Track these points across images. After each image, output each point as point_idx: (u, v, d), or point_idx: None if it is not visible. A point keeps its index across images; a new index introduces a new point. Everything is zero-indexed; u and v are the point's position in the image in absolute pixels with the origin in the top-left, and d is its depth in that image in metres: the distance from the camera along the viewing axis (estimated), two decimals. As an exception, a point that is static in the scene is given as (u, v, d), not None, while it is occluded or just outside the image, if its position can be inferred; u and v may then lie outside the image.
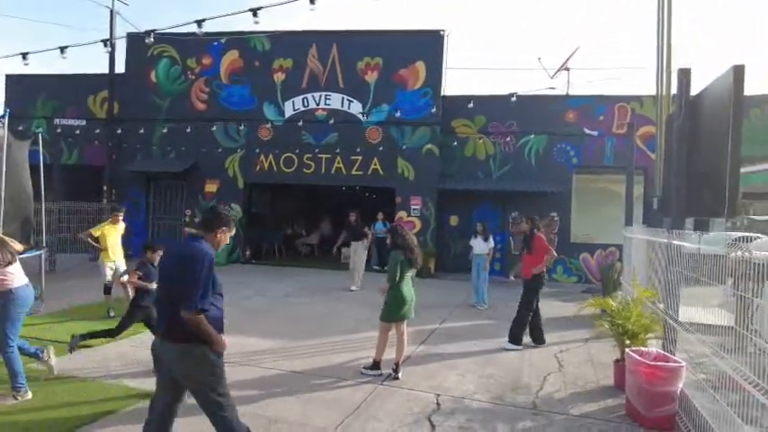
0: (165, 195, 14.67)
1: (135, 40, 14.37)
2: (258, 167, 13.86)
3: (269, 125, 13.74)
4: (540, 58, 33.52)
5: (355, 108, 13.32)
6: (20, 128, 12.81)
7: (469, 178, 13.29)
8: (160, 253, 5.68)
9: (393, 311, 5.39)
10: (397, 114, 12.99)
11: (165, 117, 14.37)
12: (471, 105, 13.02)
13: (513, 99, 12.64)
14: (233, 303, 8.84)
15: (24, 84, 15.55)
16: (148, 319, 5.58)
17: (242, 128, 13.83)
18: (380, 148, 13.16)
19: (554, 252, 7.00)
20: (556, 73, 15.93)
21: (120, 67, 14.72)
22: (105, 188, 14.29)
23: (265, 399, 4.73)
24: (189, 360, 2.99)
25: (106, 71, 14.49)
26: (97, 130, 14.85)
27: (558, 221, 12.97)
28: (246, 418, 4.25)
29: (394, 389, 5.09)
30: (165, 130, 14.30)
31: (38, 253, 8.41)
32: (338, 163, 13.42)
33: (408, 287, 5.47)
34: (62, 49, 10.97)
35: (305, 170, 13.56)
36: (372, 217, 13.29)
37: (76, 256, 12.84)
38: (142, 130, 14.17)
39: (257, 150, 13.81)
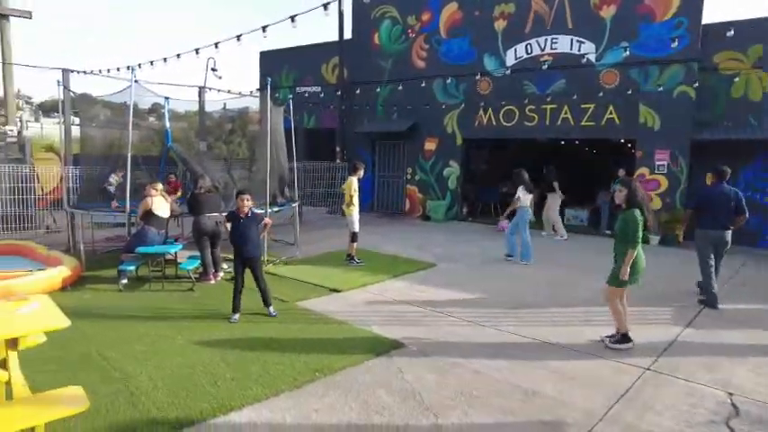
0: (388, 154, 15.42)
1: (360, 4, 15.07)
2: (477, 123, 13.46)
3: (489, 77, 13.12)
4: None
5: (587, 49, 11.76)
6: (277, 95, 14.71)
7: (738, 126, 10.68)
8: None
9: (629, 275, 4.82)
10: (640, 52, 11.03)
11: (387, 78, 14.91)
12: (731, 33, 10.16)
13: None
14: (455, 260, 8.82)
15: (272, 58, 17.89)
16: None
17: (461, 83, 13.51)
18: (617, 94, 11.43)
19: None
20: None
21: (348, 34, 15.70)
22: (338, 149, 15.66)
23: (513, 367, 4.43)
24: None
25: (336, 39, 15.61)
26: (329, 95, 16.24)
27: None
28: (500, 386, 4.05)
29: (665, 376, 4.28)
30: (387, 91, 14.86)
31: (294, 205, 9.58)
32: (565, 113, 12.14)
33: (642, 251, 4.89)
34: (292, 18, 11.84)
35: (527, 123, 12.66)
36: (604, 175, 11.78)
37: (315, 209, 14.49)
38: (368, 93, 14.95)
39: (476, 105, 13.38)
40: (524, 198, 8.79)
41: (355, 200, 8.33)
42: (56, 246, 8.73)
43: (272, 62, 17.88)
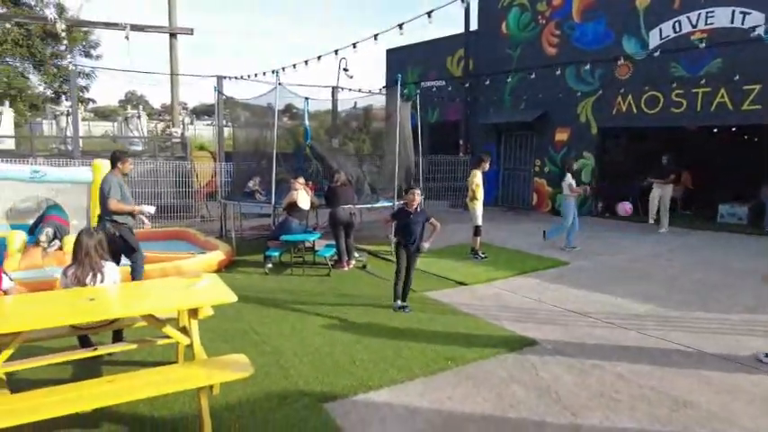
0: (514, 146, 14.97)
1: (487, -5, 14.79)
2: (614, 111, 12.48)
3: (628, 61, 12.08)
4: None
5: (753, 21, 10.25)
6: (405, 91, 15.08)
7: None
8: None
9: None
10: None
11: (515, 67, 14.45)
12: None
13: None
14: (590, 258, 8.31)
15: (398, 55, 18.30)
16: None
17: (596, 69, 12.62)
18: (791, 72, 9.84)
19: None
20: None
21: (474, 26, 15.49)
22: (461, 142, 15.58)
23: (660, 374, 4.09)
24: None
25: (462, 31, 15.50)
26: (454, 88, 16.18)
27: None
28: (646, 392, 3.78)
29: None
30: (515, 81, 14.41)
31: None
32: (721, 97, 10.74)
33: None
34: (428, 14, 11.97)
35: (673, 109, 11.44)
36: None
37: (437, 202, 14.57)
38: (494, 84, 14.62)
39: (613, 91, 12.40)
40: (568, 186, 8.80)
41: (479, 193, 8.24)
42: (209, 233, 9.89)
43: (397, 59, 18.32)
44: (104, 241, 3.93)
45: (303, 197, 7.85)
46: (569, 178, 8.78)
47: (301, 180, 8.05)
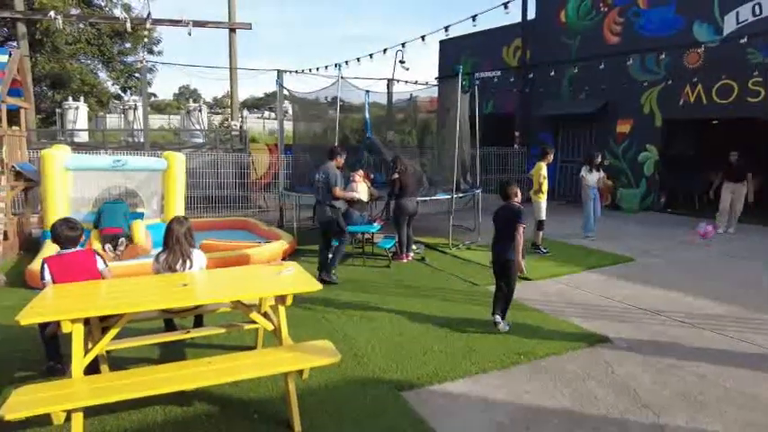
0: (573, 138, 14.56)
1: (546, -18, 14.38)
2: (681, 101, 11.92)
3: (699, 48, 11.48)
4: None
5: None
6: (464, 82, 14.97)
7: None
8: None
9: None
10: None
11: (574, 57, 14.03)
12: None
13: None
14: (656, 255, 8.02)
15: (451, 46, 18.09)
16: None
17: (662, 57, 12.06)
18: None
19: None
20: None
21: (532, 15, 15.12)
22: (516, 134, 15.31)
23: (747, 376, 3.94)
24: None
25: (518, 20, 15.16)
26: (511, 79, 15.88)
27: None
28: (733, 395, 3.63)
29: None
30: (574, 71, 13.98)
31: (477, 192, 9.70)
32: (805, 86, 10.07)
33: None
34: (505, 5, 11.53)
35: (749, 99, 10.80)
36: None
37: (491, 195, 14.36)
38: (553, 73, 14.23)
39: (681, 81, 11.83)
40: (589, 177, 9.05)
41: (545, 186, 8.10)
42: (267, 223, 10.18)
43: (451, 50, 18.11)
44: (192, 229, 4.15)
45: (363, 189, 7.96)
46: (584, 170, 9.15)
47: (360, 172, 8.16)
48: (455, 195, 8.80)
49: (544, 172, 8.10)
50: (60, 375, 3.63)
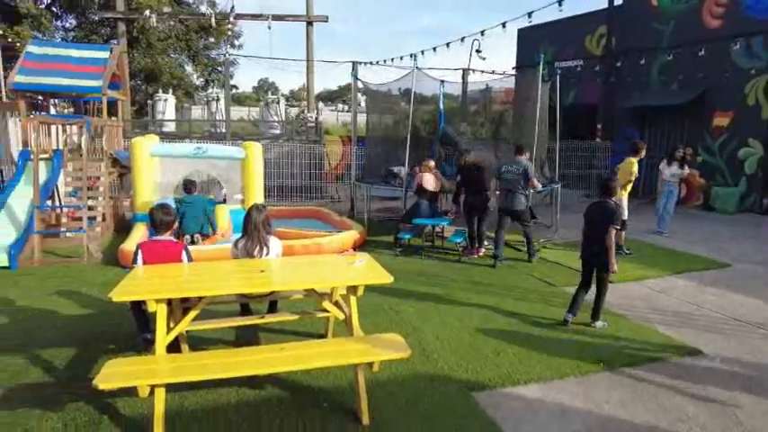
0: (661, 132, 13.52)
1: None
2: (793, 91, 10.70)
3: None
4: None
5: None
6: (544, 71, 14.40)
7: None
8: None
9: None
10: None
11: (666, 44, 12.98)
12: None
13: None
14: (757, 262, 7.27)
15: (530, 34, 17.35)
16: None
17: (773, 42, 10.87)
18: None
19: None
20: None
21: (619, 1, 14.16)
22: (599, 126, 14.46)
23: None
24: None
25: (603, 7, 14.27)
26: (596, 68, 14.99)
27: None
28: None
29: None
30: (666, 59, 12.94)
31: (556, 186, 9.28)
32: None
33: None
34: None
35: None
36: None
37: (570, 191, 13.71)
38: (642, 62, 13.24)
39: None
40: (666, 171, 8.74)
41: (630, 184, 7.58)
42: (339, 213, 10.32)
43: (529, 38, 17.39)
44: (269, 217, 4.25)
45: (428, 179, 7.81)
46: (662, 164, 8.89)
47: (431, 164, 8.00)
48: (532, 190, 8.44)
49: (635, 169, 7.56)
50: (152, 345, 3.87)
